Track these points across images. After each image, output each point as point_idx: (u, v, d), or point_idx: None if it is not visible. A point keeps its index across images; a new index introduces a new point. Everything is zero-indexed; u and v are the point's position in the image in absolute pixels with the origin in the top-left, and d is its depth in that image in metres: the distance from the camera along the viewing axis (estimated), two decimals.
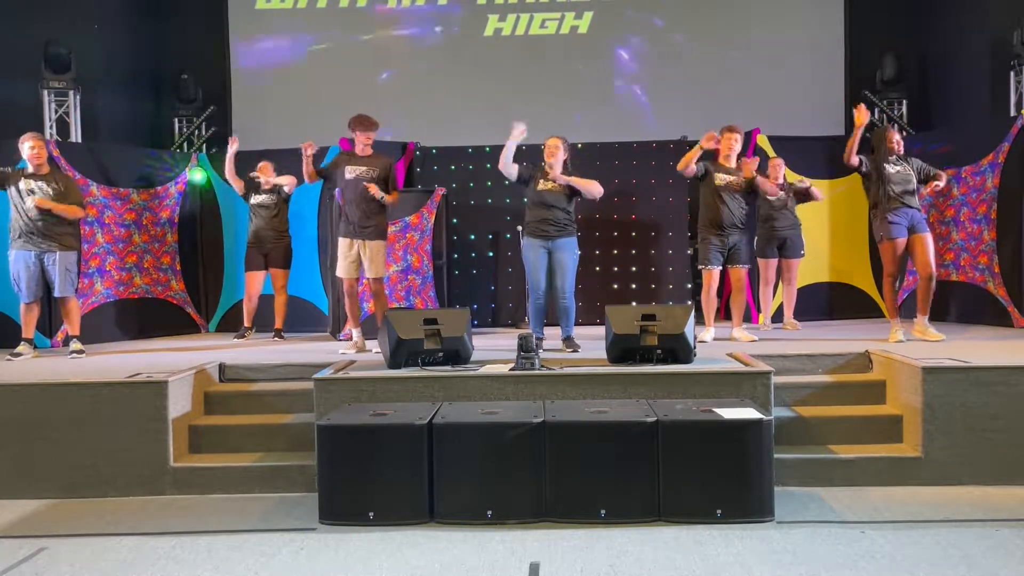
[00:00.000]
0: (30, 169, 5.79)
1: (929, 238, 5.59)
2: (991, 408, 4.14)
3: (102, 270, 7.01)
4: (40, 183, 5.74)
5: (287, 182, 6.94)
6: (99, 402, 4.27)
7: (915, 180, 5.63)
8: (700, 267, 6.12)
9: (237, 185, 6.97)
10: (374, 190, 5.59)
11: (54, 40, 7.81)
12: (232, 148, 6.86)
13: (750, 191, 6.03)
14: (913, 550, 3.25)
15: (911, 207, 5.57)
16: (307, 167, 5.67)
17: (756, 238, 6.90)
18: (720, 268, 6.02)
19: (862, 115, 5.63)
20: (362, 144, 5.74)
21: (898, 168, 5.60)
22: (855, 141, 5.61)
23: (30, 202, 5.64)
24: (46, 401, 4.29)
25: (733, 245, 5.96)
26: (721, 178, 5.93)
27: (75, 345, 5.85)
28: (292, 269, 7.30)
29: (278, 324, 6.98)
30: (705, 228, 6.03)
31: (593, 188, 5.55)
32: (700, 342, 5.46)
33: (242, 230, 7.51)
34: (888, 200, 5.55)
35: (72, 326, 5.90)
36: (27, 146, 5.74)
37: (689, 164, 5.85)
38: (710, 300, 6.05)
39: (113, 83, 8.48)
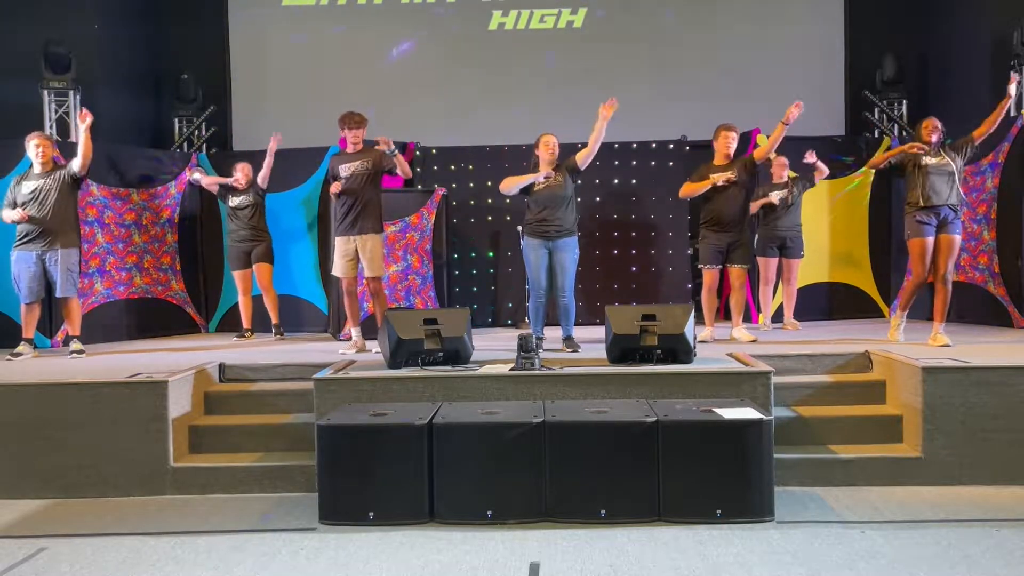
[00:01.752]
0: (36, 169, 5.80)
1: (955, 240, 5.35)
2: (991, 408, 4.14)
3: (102, 270, 7.01)
4: (44, 181, 5.75)
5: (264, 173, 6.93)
6: (99, 402, 4.27)
7: (957, 169, 5.34)
8: (700, 266, 6.11)
9: (212, 189, 7.11)
10: (384, 143, 5.62)
11: (54, 40, 7.80)
12: (229, 181, 7.02)
13: (751, 175, 5.99)
14: (913, 550, 3.25)
15: (944, 204, 5.31)
16: (334, 189, 5.74)
17: (757, 238, 6.91)
18: (720, 268, 6.01)
19: (913, 148, 5.44)
20: (352, 141, 5.77)
21: (936, 160, 5.36)
22: (888, 155, 5.57)
23: (85, 123, 5.64)
24: (46, 401, 4.30)
25: (733, 244, 5.94)
26: (716, 176, 5.92)
27: (75, 345, 5.85)
28: (292, 269, 7.31)
29: (275, 320, 7.01)
30: (705, 227, 6.02)
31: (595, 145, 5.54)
32: (700, 342, 5.46)
33: None
34: (920, 197, 5.34)
35: (72, 326, 5.90)
36: (32, 144, 5.77)
37: (696, 193, 5.98)
38: (710, 300, 6.04)
39: (113, 83, 8.47)
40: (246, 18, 9.19)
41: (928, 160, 5.39)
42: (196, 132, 8.97)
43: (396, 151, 5.69)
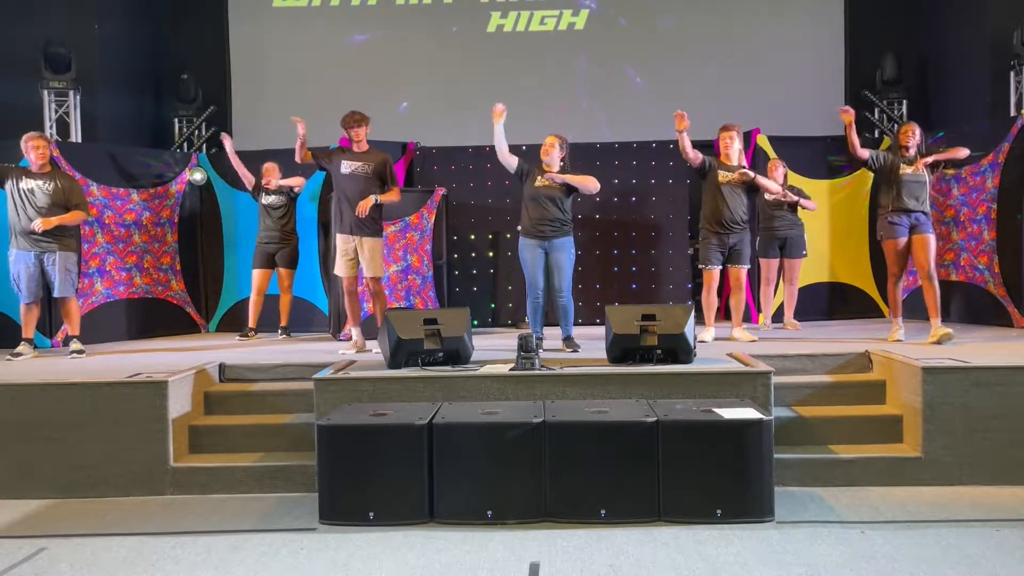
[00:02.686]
0: (33, 169, 5.80)
1: (930, 239, 5.60)
2: (991, 408, 4.14)
3: (102, 270, 7.01)
4: (41, 182, 5.75)
5: (296, 183, 7.04)
6: (99, 402, 4.27)
7: (928, 179, 5.65)
8: (700, 267, 6.11)
9: (248, 180, 7.03)
10: (367, 205, 5.59)
11: (54, 40, 7.80)
12: (227, 145, 6.99)
13: (752, 189, 6.02)
14: (913, 550, 3.25)
15: (916, 210, 5.59)
16: (300, 148, 5.70)
17: (758, 238, 6.91)
18: (720, 268, 6.02)
19: (847, 115, 5.70)
20: (355, 139, 5.75)
21: (910, 168, 5.61)
22: (851, 137, 5.67)
23: (36, 224, 5.63)
24: (46, 401, 4.30)
25: (734, 244, 5.95)
26: (723, 175, 5.92)
27: (75, 345, 5.85)
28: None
29: (284, 322, 7.09)
30: (706, 226, 6.01)
31: (589, 184, 5.56)
32: (700, 342, 5.46)
33: (241, 230, 7.53)
34: (893, 201, 5.60)
35: (72, 326, 5.91)
36: (30, 145, 5.75)
37: (686, 150, 5.84)
38: (710, 300, 6.04)
39: (113, 83, 8.47)
40: (246, 18, 9.19)
41: (904, 168, 5.61)
42: (196, 132, 8.97)
43: (378, 200, 5.67)
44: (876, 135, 8.52)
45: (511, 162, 5.57)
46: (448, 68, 9.09)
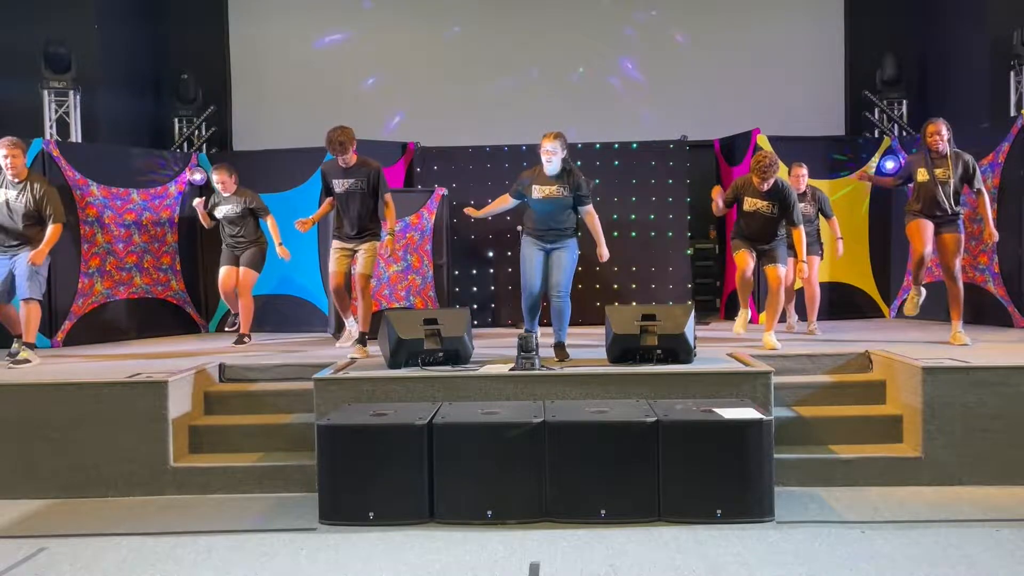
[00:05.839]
0: (8, 176, 5.44)
1: (958, 238, 5.47)
2: (991, 408, 4.15)
3: (102, 270, 7.00)
4: (15, 193, 5.43)
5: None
6: (99, 402, 4.28)
7: (955, 180, 5.43)
8: (734, 252, 5.76)
9: (205, 220, 6.69)
10: (387, 252, 5.66)
11: (54, 40, 7.80)
12: (199, 208, 6.65)
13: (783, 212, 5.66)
14: (913, 550, 3.25)
15: (944, 211, 5.45)
16: (314, 218, 5.81)
17: None
18: (753, 252, 5.65)
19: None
20: (343, 160, 5.59)
21: (939, 171, 5.43)
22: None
23: (32, 258, 5.30)
24: (46, 401, 4.30)
25: (764, 250, 5.65)
26: (750, 202, 5.58)
27: (23, 353, 5.29)
28: (293, 269, 7.28)
29: (244, 330, 6.46)
30: (736, 235, 5.78)
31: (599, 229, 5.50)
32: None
33: None
34: (923, 207, 5.51)
35: (28, 331, 5.37)
36: (2, 154, 5.36)
37: (719, 207, 5.71)
38: (744, 282, 5.69)
39: (113, 83, 8.47)
40: (246, 18, 9.19)
41: (935, 170, 5.45)
42: (196, 132, 8.96)
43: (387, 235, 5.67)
44: (876, 135, 8.52)
45: (509, 204, 5.46)
46: (449, 67, 9.09)
